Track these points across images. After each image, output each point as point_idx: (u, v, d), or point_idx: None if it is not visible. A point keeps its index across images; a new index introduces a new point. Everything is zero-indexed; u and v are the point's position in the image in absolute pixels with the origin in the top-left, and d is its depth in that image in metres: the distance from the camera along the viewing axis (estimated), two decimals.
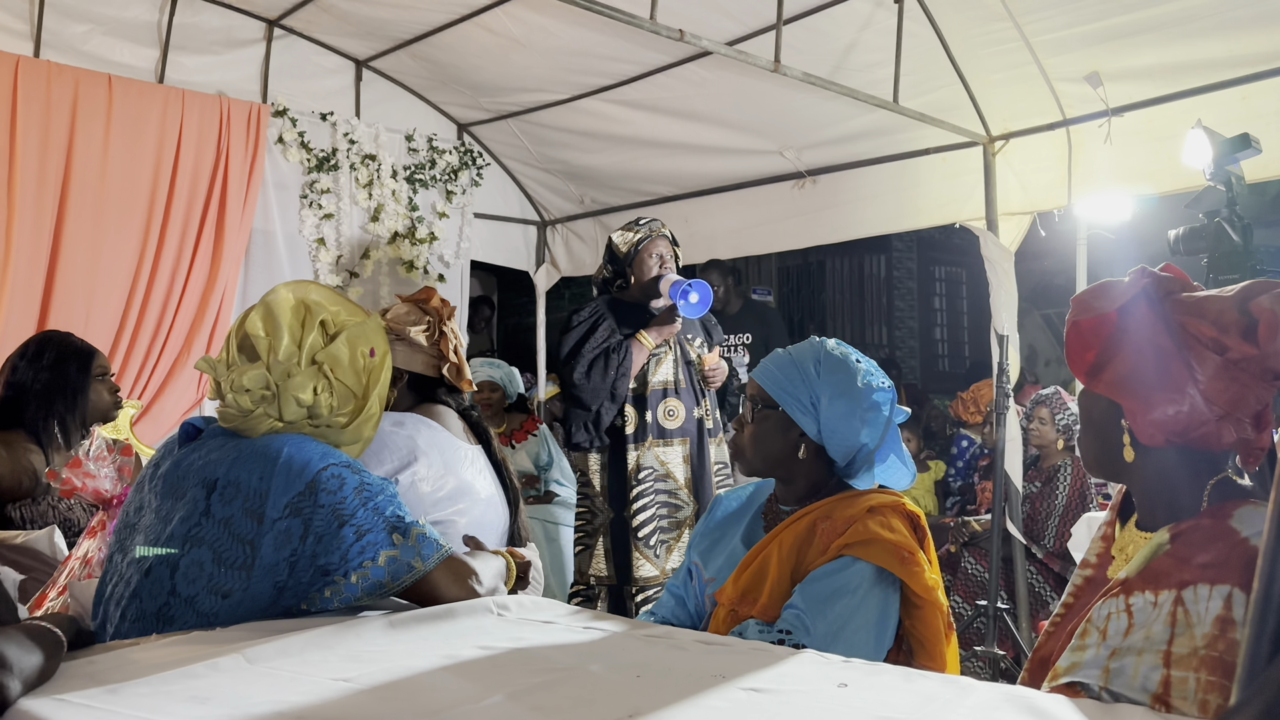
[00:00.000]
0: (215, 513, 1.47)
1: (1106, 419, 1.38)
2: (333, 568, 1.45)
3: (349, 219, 5.12)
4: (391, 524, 1.50)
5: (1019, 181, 4.34)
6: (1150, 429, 1.31)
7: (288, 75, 4.93)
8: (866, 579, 1.75)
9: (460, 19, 4.52)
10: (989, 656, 3.80)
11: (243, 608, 1.43)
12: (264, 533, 1.44)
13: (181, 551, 1.46)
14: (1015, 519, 4.24)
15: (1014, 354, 4.12)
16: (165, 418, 4.40)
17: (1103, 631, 1.24)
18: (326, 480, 1.48)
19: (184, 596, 1.45)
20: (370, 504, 1.50)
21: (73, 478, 2.38)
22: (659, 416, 3.65)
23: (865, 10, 3.95)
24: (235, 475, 1.48)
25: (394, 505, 1.53)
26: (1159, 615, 1.19)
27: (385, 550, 1.48)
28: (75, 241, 4.12)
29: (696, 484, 3.65)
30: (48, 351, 2.83)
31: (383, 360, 1.68)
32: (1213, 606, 1.16)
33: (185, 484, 1.53)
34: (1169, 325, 1.29)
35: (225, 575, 1.44)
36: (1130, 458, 1.35)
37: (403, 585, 1.49)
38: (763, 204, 5.28)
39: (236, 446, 1.53)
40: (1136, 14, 3.52)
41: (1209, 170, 2.98)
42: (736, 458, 2.00)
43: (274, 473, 1.47)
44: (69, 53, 4.21)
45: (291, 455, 1.49)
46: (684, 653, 1.34)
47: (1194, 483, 1.31)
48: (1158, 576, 1.23)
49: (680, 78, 4.69)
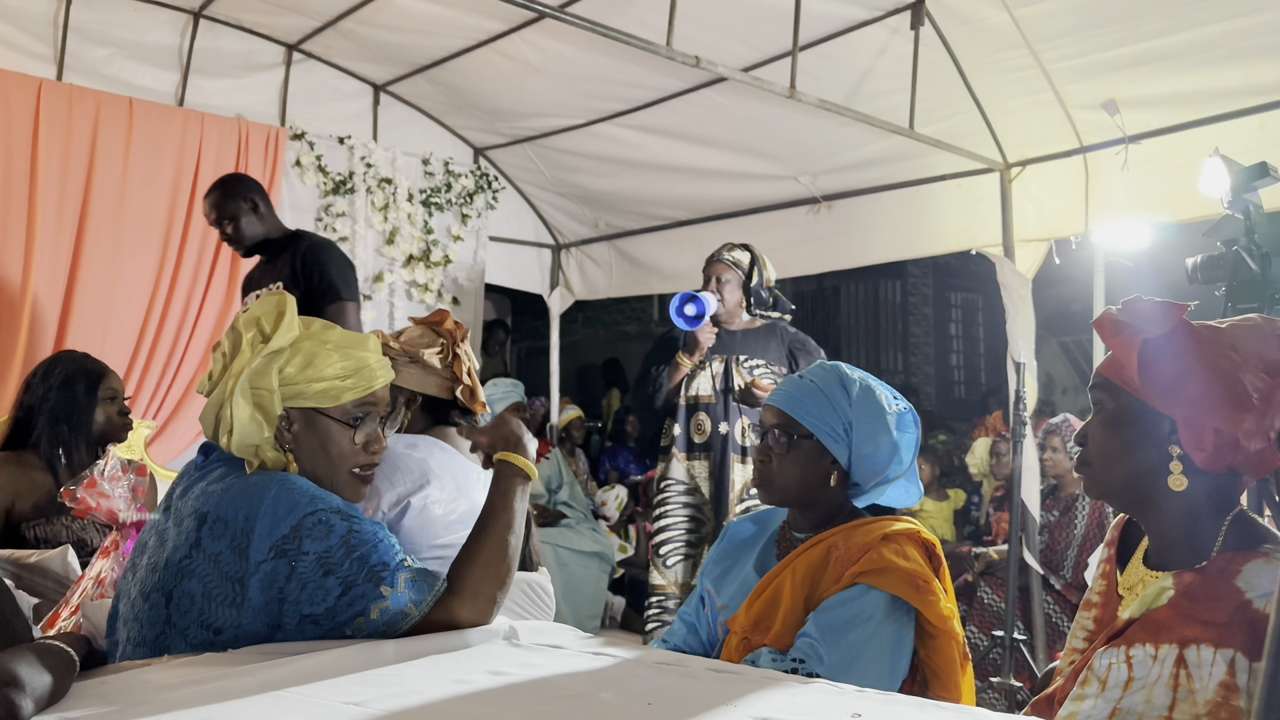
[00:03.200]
0: (205, 547, 1.43)
1: (1147, 440, 1.31)
2: (321, 618, 1.41)
3: (364, 242, 5.15)
4: (378, 574, 1.44)
5: (1036, 208, 4.33)
6: (1210, 451, 1.25)
7: (306, 99, 4.98)
8: (881, 608, 1.73)
9: (478, 44, 4.56)
10: (1005, 688, 3.75)
11: (239, 641, 1.40)
12: (249, 571, 1.40)
13: (175, 583, 1.44)
14: (1032, 548, 4.20)
15: (1031, 381, 4.10)
16: (180, 438, 4.42)
17: (1103, 681, 1.22)
18: (312, 527, 1.42)
19: (179, 627, 1.42)
20: (356, 554, 1.44)
21: (87, 497, 2.39)
22: (689, 430, 3.77)
23: (881, 37, 3.96)
24: (223, 511, 1.44)
25: (379, 553, 1.46)
26: (1160, 675, 1.17)
27: (375, 604, 1.43)
28: (94, 261, 4.16)
29: (715, 501, 3.71)
30: (57, 371, 2.83)
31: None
32: (1216, 671, 1.14)
33: (184, 511, 1.50)
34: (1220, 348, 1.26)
35: (215, 611, 1.41)
36: (1181, 486, 1.29)
37: (401, 631, 1.45)
38: (778, 229, 5.29)
39: (231, 480, 1.49)
40: (1154, 42, 3.52)
41: (1227, 199, 2.97)
42: (762, 487, 1.95)
43: (259, 513, 1.42)
44: (91, 76, 4.27)
45: (279, 497, 1.44)
46: (696, 681, 1.32)
47: (1216, 519, 1.29)
48: (1159, 628, 1.21)
49: (696, 103, 4.71)
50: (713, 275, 3.80)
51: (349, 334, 1.62)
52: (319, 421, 1.57)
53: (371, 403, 1.61)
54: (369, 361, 1.60)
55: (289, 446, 1.55)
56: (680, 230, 5.75)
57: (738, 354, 3.78)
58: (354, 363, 1.58)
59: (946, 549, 4.40)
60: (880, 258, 5.11)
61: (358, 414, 1.59)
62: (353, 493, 1.61)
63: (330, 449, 1.57)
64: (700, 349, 3.74)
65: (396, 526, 1.97)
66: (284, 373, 1.54)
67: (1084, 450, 1.40)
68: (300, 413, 1.56)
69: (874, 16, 3.90)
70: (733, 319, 3.82)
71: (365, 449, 1.61)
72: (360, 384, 1.58)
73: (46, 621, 2.25)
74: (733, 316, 3.82)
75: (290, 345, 1.55)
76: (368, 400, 1.60)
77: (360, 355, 1.60)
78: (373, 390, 1.61)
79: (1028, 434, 3.95)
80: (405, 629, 1.45)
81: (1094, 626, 1.42)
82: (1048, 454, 4.46)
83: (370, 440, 1.62)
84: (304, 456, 1.57)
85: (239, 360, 1.53)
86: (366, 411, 1.60)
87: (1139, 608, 1.25)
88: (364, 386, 1.59)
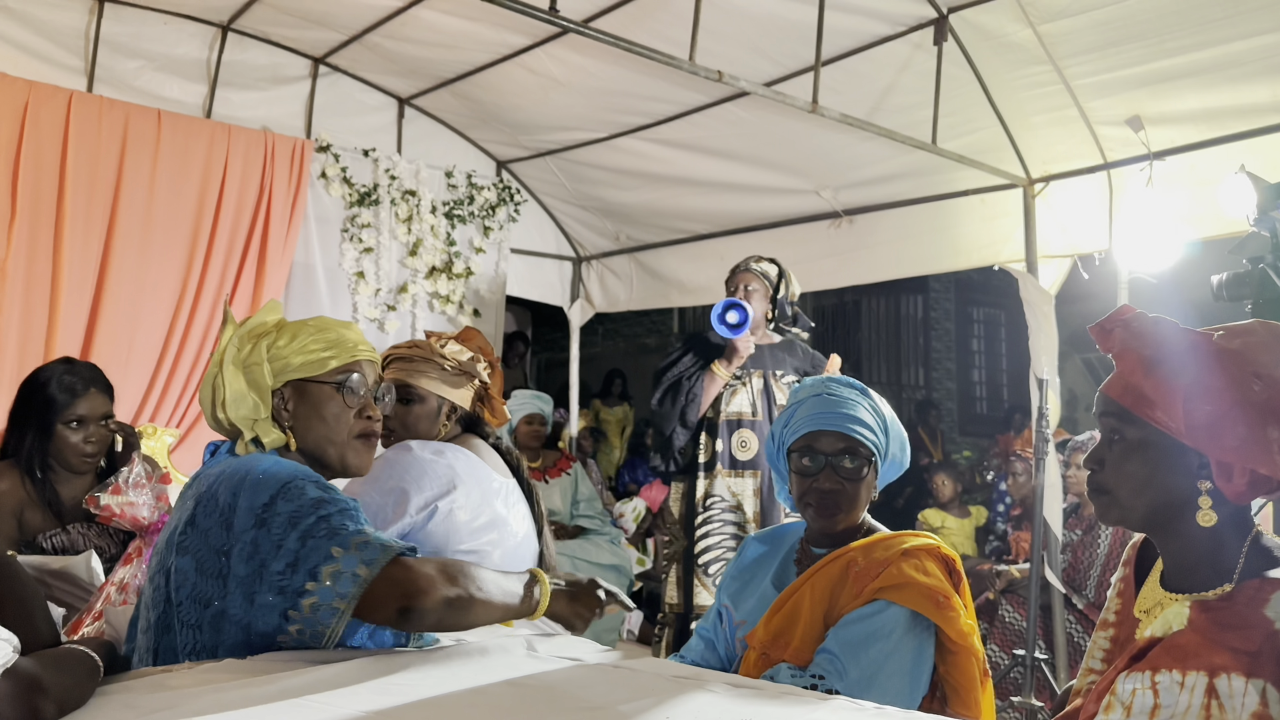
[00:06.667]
0: (199, 523, 1.47)
1: (1175, 472, 1.28)
2: (285, 584, 1.41)
3: (388, 253, 5.18)
4: (335, 533, 1.44)
5: (1059, 224, 4.30)
6: (1244, 489, 1.22)
7: (332, 112, 5.03)
8: (901, 623, 1.73)
9: (501, 59, 4.59)
10: (1026, 708, 3.71)
11: (226, 615, 1.42)
12: (232, 543, 1.44)
13: (173, 560, 1.48)
14: (1054, 567, 4.16)
15: (1054, 398, 4.07)
16: (202, 446, 4.44)
17: (1127, 707, 1.21)
18: (288, 490, 1.47)
19: (175, 604, 1.46)
20: (321, 511, 1.45)
21: (111, 504, 2.41)
22: (732, 447, 3.69)
23: (904, 52, 3.96)
24: (215, 488, 1.49)
25: (345, 518, 1.46)
26: (1190, 704, 1.16)
27: (326, 565, 1.42)
28: (121, 270, 4.21)
29: (765, 518, 3.64)
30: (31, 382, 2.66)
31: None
32: (1248, 703, 1.12)
33: (185, 496, 1.56)
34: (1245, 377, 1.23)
35: (205, 584, 1.44)
36: (1210, 522, 1.25)
37: (352, 596, 1.41)
38: (799, 243, 5.28)
39: (227, 463, 1.55)
40: (1178, 58, 3.50)
41: (1253, 215, 2.95)
42: (834, 516, 1.88)
43: (244, 486, 1.47)
44: (121, 88, 4.33)
45: (265, 471, 1.49)
46: (714, 695, 1.32)
47: (1236, 542, 1.27)
48: (1185, 654, 1.19)
49: (718, 117, 4.72)
50: (740, 284, 3.75)
51: (328, 318, 1.72)
52: (309, 390, 1.65)
53: (356, 370, 1.68)
54: (349, 336, 1.69)
55: (288, 424, 1.64)
56: (701, 244, 5.76)
57: (772, 369, 3.73)
58: (335, 336, 1.67)
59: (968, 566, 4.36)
60: (902, 273, 5.09)
61: (342, 378, 1.66)
62: (359, 458, 1.68)
63: (325, 414, 1.65)
64: (740, 358, 3.68)
65: (423, 530, 1.99)
66: (271, 349, 1.63)
67: (1099, 476, 1.35)
68: (291, 388, 1.64)
69: (897, 32, 3.90)
70: (755, 331, 3.77)
71: (359, 414, 1.67)
72: (343, 354, 1.67)
73: (70, 627, 2.27)
74: (756, 328, 3.76)
75: (274, 325, 1.67)
76: (351, 367, 1.67)
77: (340, 331, 1.69)
78: (356, 360, 1.68)
79: (1050, 451, 3.92)
80: (356, 593, 1.41)
81: (1110, 646, 1.41)
82: (1071, 471, 4.42)
83: (363, 405, 1.68)
84: (302, 429, 1.65)
85: (224, 337, 1.65)
86: (350, 375, 1.67)
87: (1159, 628, 1.23)
88: (347, 355, 1.67)
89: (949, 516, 5.82)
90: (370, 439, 1.70)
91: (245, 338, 1.64)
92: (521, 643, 1.52)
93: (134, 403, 4.22)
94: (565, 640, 1.63)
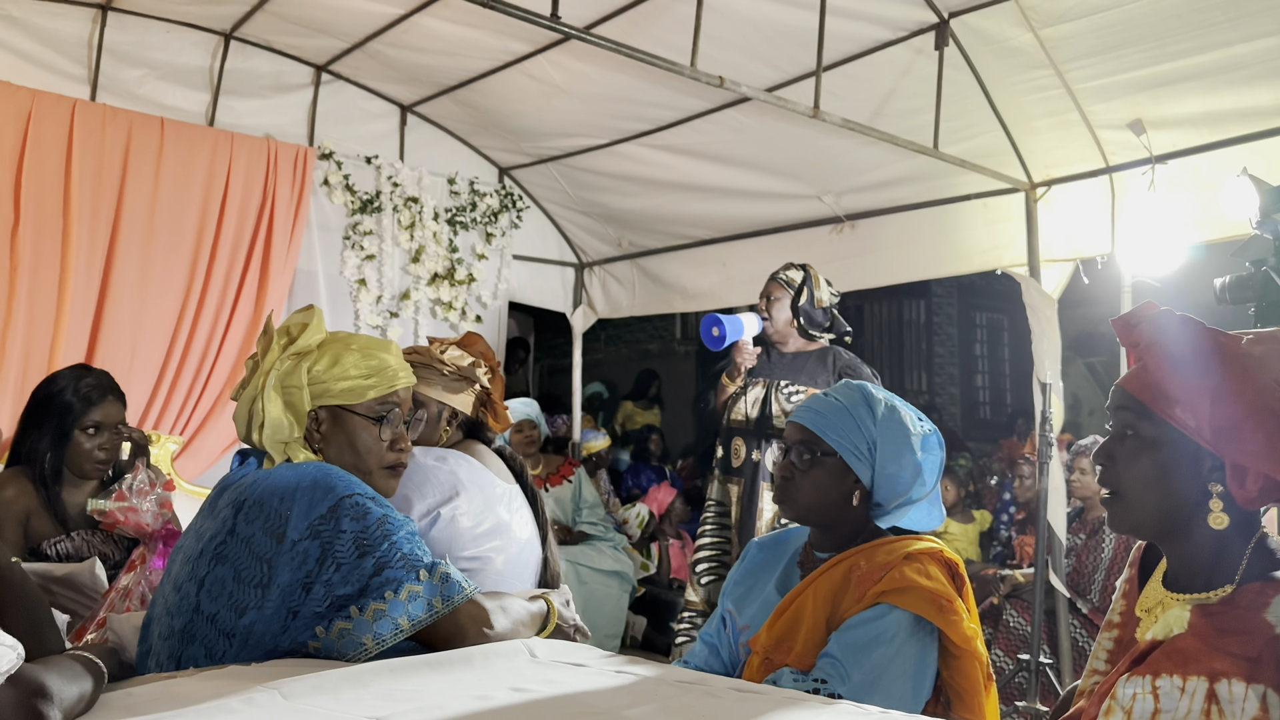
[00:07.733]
0: (239, 531, 1.47)
1: (1187, 473, 1.27)
2: (350, 599, 1.43)
3: (390, 260, 5.19)
4: (412, 561, 1.48)
5: (1061, 228, 4.30)
6: (1256, 495, 1.22)
7: (334, 119, 5.04)
8: (904, 627, 1.72)
9: (503, 66, 4.60)
10: (1031, 713, 3.71)
11: (257, 626, 1.43)
12: (282, 552, 1.44)
13: (208, 569, 1.47)
14: (1058, 571, 4.15)
15: (1057, 403, 4.06)
16: (206, 454, 4.46)
17: (1127, 711, 1.20)
18: (350, 508, 1.47)
19: (206, 614, 1.45)
20: (393, 538, 1.48)
21: (115, 511, 2.42)
22: (730, 453, 3.78)
23: (905, 57, 3.96)
24: (260, 496, 1.49)
25: (414, 544, 1.51)
26: (1190, 710, 1.15)
27: (409, 584, 1.45)
28: (124, 279, 4.22)
29: (741, 527, 3.68)
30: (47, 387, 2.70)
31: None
32: (1249, 708, 1.12)
33: (219, 504, 1.56)
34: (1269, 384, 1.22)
35: (243, 592, 1.44)
36: (1221, 525, 1.25)
37: (419, 625, 1.46)
38: (801, 248, 5.27)
39: (268, 471, 1.56)
40: (1180, 62, 3.50)
41: (1255, 219, 2.95)
42: (784, 504, 1.93)
43: (296, 495, 1.47)
44: (124, 96, 4.34)
45: (317, 480, 1.50)
46: (717, 700, 1.32)
47: (1241, 544, 1.27)
48: (1185, 658, 1.19)
49: (719, 123, 4.73)
50: (766, 294, 3.80)
51: (371, 338, 1.71)
52: (345, 419, 1.64)
53: (394, 401, 1.68)
54: (390, 363, 1.68)
55: (318, 446, 1.64)
56: (703, 249, 5.76)
57: (779, 379, 3.74)
58: (377, 363, 1.66)
59: (972, 571, 4.35)
60: (904, 277, 5.09)
61: (381, 411, 1.66)
62: (385, 485, 1.67)
63: (357, 444, 1.65)
64: (737, 370, 3.75)
65: (426, 536, 1.99)
66: (312, 371, 1.62)
67: (1109, 473, 1.34)
68: (328, 411, 1.64)
69: (898, 37, 3.90)
70: (785, 340, 3.78)
71: (391, 447, 1.67)
72: (383, 383, 1.66)
73: (74, 634, 2.27)
74: (785, 337, 3.78)
75: (317, 346, 1.65)
76: (390, 399, 1.67)
77: (382, 357, 1.68)
78: (395, 390, 1.68)
79: (1054, 455, 3.91)
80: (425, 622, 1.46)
81: (1114, 647, 1.40)
82: (1075, 476, 4.41)
83: (396, 438, 1.68)
84: (333, 454, 1.64)
85: (269, 358, 1.63)
86: (390, 409, 1.67)
87: (1159, 630, 1.23)
88: (387, 385, 1.66)
89: (952, 521, 5.81)
90: (398, 469, 1.70)
91: (287, 357, 1.64)
92: (523, 647, 1.52)
93: (137, 410, 4.23)
94: (568, 645, 1.63)
